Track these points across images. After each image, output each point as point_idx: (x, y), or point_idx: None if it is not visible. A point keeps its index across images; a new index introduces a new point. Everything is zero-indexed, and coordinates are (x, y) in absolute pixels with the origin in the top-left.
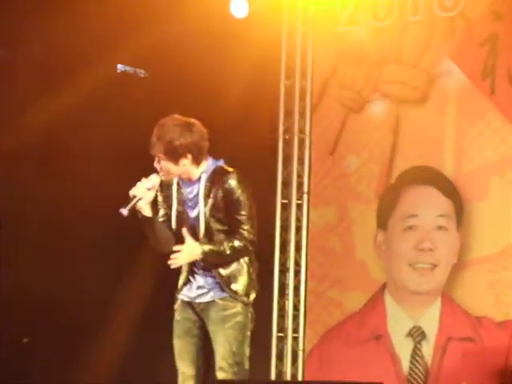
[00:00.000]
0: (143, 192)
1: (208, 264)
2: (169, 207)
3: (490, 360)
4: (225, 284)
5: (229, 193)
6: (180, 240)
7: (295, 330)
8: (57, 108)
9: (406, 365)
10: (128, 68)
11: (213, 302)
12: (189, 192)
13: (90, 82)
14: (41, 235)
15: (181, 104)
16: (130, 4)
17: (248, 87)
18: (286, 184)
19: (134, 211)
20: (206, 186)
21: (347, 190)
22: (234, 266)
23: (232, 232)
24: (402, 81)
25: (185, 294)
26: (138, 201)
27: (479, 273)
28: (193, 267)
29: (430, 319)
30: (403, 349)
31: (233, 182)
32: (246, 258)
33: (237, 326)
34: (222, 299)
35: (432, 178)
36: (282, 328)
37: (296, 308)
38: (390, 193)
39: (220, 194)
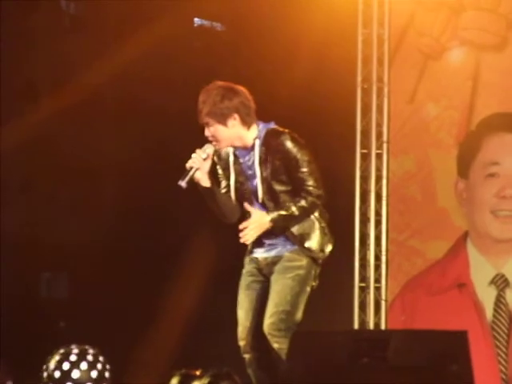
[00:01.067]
0: (199, 162)
1: (280, 228)
2: (227, 178)
3: None
4: (298, 243)
5: (286, 153)
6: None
7: (377, 280)
8: (131, 61)
9: (489, 313)
10: (205, 22)
11: (280, 255)
12: (247, 160)
13: (166, 34)
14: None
15: (259, 55)
16: None
17: (325, 36)
18: (365, 133)
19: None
20: (261, 150)
21: (427, 138)
22: (304, 224)
23: (297, 190)
24: (480, 26)
25: (254, 251)
26: (195, 171)
27: None
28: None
29: None
30: (486, 297)
31: (288, 143)
32: (316, 213)
33: (297, 278)
34: (290, 252)
35: None
36: (363, 278)
37: (378, 258)
38: (470, 140)
39: (278, 156)
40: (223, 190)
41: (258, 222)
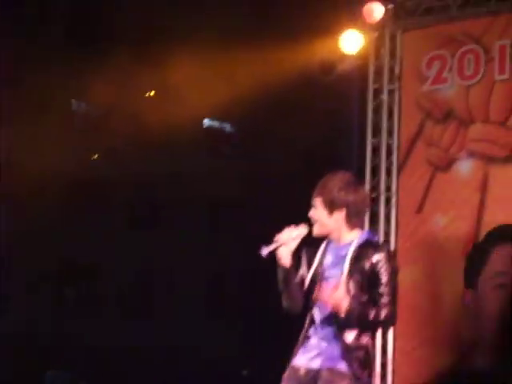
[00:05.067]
0: (286, 239)
1: (345, 324)
2: (308, 268)
3: None
4: (348, 355)
5: (374, 266)
6: (308, 303)
7: None
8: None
9: None
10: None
11: (320, 370)
12: (334, 254)
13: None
14: None
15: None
16: None
17: (334, 145)
18: None
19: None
20: (355, 250)
21: (435, 248)
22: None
23: (372, 302)
24: (489, 139)
25: (299, 357)
26: (279, 246)
27: None
28: (314, 325)
29: None
30: None
31: (380, 256)
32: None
33: None
34: (329, 370)
35: None
36: None
37: (384, 367)
38: (478, 251)
39: (367, 264)
40: (297, 280)
41: (342, 294)
